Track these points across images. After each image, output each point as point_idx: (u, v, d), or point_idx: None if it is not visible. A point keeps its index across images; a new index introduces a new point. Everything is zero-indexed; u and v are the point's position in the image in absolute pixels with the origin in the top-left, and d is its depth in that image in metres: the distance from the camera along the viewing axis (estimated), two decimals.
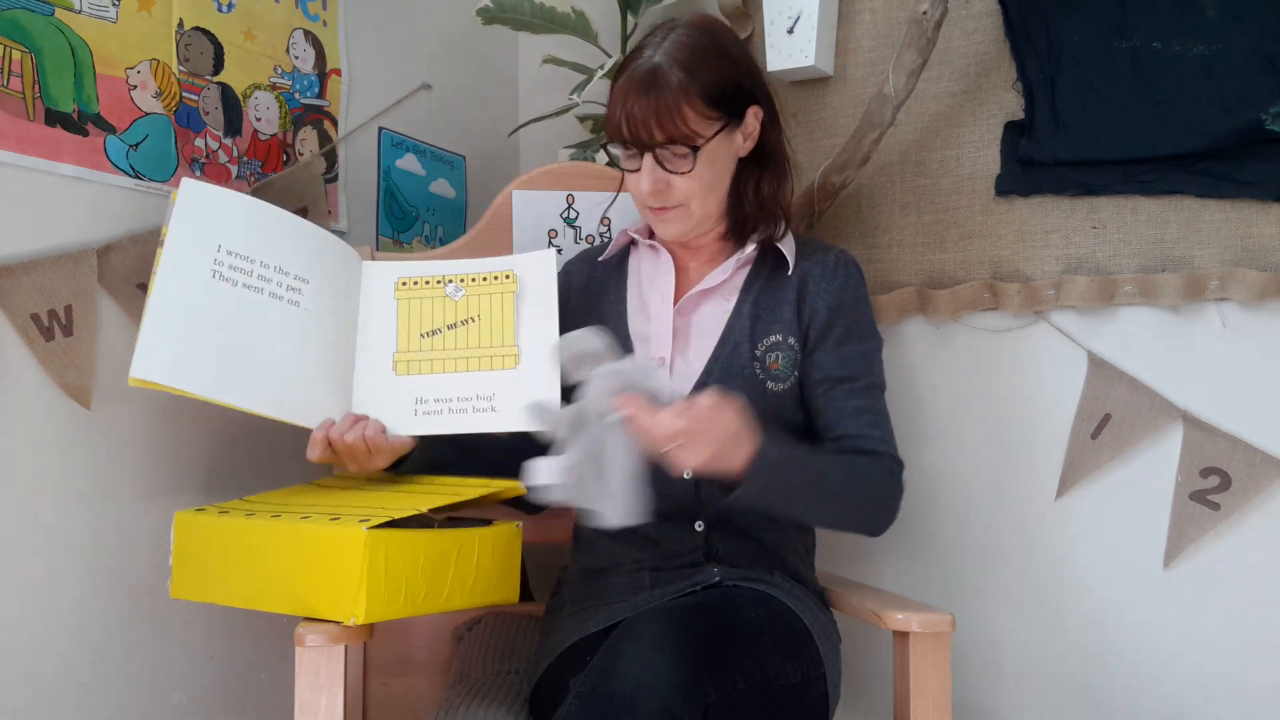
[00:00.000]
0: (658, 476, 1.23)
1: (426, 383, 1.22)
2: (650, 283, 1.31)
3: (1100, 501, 1.47)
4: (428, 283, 1.28)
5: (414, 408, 1.20)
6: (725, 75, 1.18)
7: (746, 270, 1.29)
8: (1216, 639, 1.38)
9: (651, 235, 1.34)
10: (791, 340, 1.24)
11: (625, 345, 1.27)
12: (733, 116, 1.20)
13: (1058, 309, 1.49)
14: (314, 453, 1.16)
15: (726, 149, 1.21)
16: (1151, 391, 1.42)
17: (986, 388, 1.55)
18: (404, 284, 1.27)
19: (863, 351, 1.26)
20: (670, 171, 1.18)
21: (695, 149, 1.17)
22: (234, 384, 1.11)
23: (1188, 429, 1.39)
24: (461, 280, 1.27)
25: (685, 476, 1.21)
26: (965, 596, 1.56)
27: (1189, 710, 1.40)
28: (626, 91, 1.16)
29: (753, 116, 1.22)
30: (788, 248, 1.28)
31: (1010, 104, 1.52)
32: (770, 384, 1.23)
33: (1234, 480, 1.36)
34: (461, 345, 1.24)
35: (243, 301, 1.15)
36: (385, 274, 1.28)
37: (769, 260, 1.29)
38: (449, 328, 1.25)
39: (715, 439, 1.03)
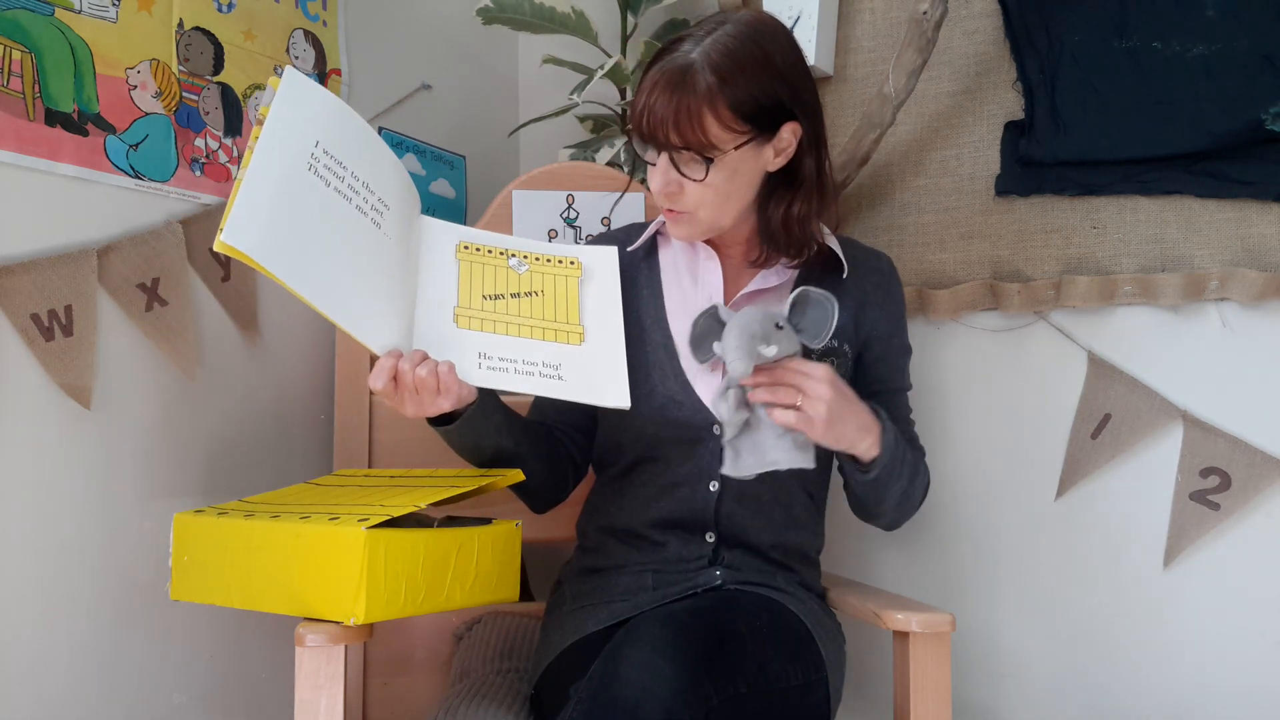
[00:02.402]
0: (682, 485, 1.23)
1: (490, 340, 1.19)
2: (691, 279, 1.28)
3: (1100, 501, 1.47)
4: (489, 251, 1.26)
5: (478, 361, 1.16)
6: (763, 87, 1.11)
7: (798, 271, 1.26)
8: (1216, 639, 1.38)
9: None
10: (846, 347, 1.24)
11: (666, 346, 1.25)
12: (764, 130, 1.13)
13: (1058, 309, 1.49)
14: (378, 382, 1.09)
15: (752, 162, 1.15)
16: (1151, 391, 1.42)
17: (986, 388, 1.55)
18: (465, 247, 1.25)
19: (908, 362, 1.32)
20: (684, 175, 1.14)
21: (710, 160, 1.12)
22: (312, 280, 1.05)
23: (1188, 429, 1.39)
24: (525, 256, 1.26)
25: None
26: (965, 596, 1.56)
27: (1189, 710, 1.40)
28: (654, 84, 1.11)
29: (789, 132, 1.15)
30: (837, 249, 1.25)
31: (1010, 104, 1.52)
32: None
33: (1234, 480, 1.36)
34: (525, 314, 1.22)
35: (332, 204, 1.10)
36: (444, 232, 1.26)
37: (820, 261, 1.25)
38: (512, 296, 1.23)
39: (856, 413, 1.10)
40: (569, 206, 1.56)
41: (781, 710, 1.09)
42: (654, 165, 1.16)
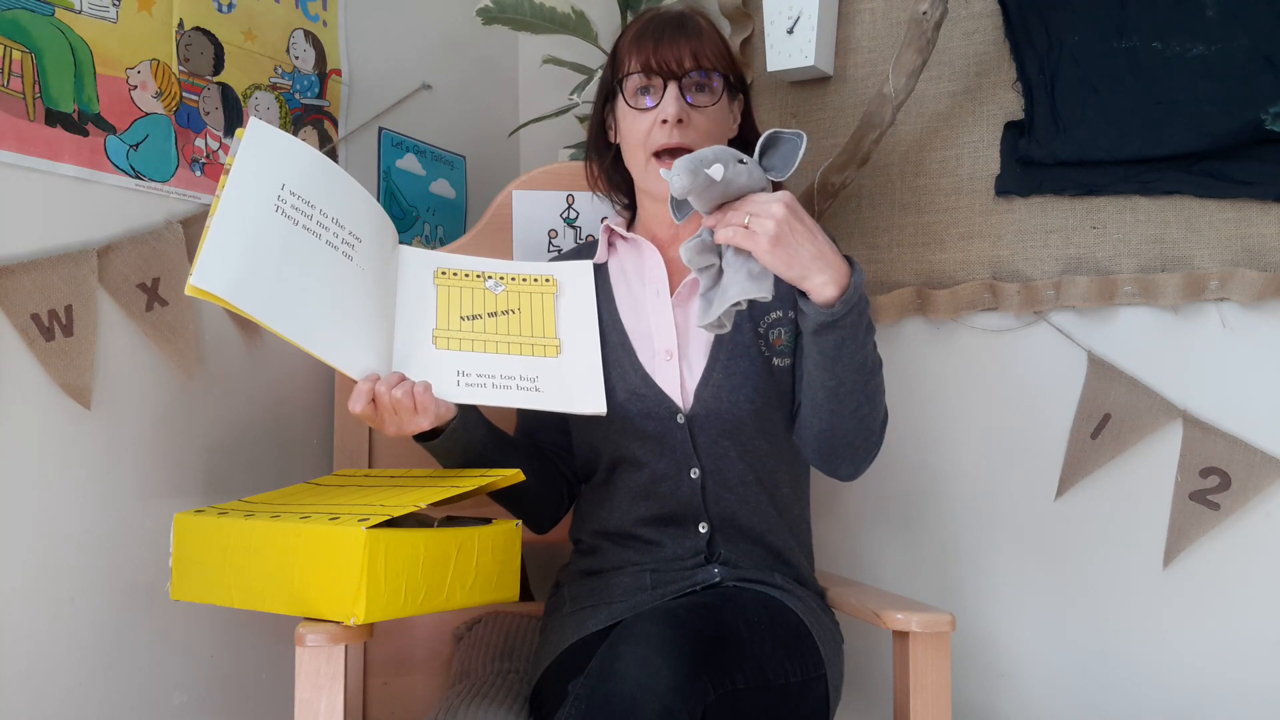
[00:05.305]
0: (664, 480, 1.24)
1: (468, 358, 1.23)
2: (638, 277, 1.32)
3: (1100, 501, 1.47)
4: (466, 275, 1.30)
5: (456, 379, 1.20)
6: (729, 49, 1.26)
7: None
8: (1216, 639, 1.38)
9: (629, 227, 1.34)
10: (791, 314, 1.25)
11: (623, 344, 1.27)
12: (731, 87, 1.26)
13: (1057, 309, 1.49)
14: (357, 405, 1.13)
15: (727, 116, 1.27)
16: (1151, 391, 1.42)
17: (986, 388, 1.55)
18: (443, 273, 1.29)
19: None
20: (693, 106, 1.21)
21: (725, 78, 1.22)
22: (285, 315, 1.10)
23: (1187, 429, 1.39)
24: (501, 278, 1.30)
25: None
26: (965, 596, 1.56)
27: (1189, 710, 1.40)
28: (655, 28, 1.22)
29: (738, 106, 1.29)
30: None
31: (1010, 104, 1.52)
32: (776, 360, 1.24)
33: (1234, 480, 1.36)
34: (502, 331, 1.26)
35: (301, 241, 1.14)
36: (423, 260, 1.30)
37: None
38: (489, 315, 1.27)
39: (814, 241, 1.05)
40: (569, 206, 1.56)
41: (780, 707, 1.09)
42: (650, 108, 1.22)
